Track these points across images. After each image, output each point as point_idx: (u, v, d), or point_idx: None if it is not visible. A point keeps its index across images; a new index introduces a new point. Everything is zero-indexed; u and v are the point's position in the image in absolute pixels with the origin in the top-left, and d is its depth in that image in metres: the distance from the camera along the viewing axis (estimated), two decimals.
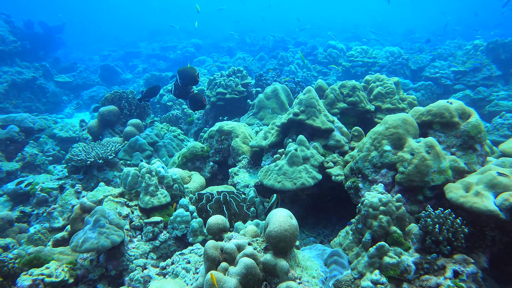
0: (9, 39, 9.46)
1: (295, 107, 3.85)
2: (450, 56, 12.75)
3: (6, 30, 9.67)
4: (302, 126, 3.87)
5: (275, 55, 13.28)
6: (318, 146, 3.67)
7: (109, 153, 4.52)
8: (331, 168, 3.56)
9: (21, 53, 10.14)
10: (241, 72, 6.60)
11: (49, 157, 6.28)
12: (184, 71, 3.72)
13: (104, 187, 3.23)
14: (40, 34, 12.07)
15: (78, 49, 21.38)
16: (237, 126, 4.63)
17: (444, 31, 25.44)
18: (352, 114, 4.60)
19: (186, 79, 3.70)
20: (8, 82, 8.87)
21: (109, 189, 3.18)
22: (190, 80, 3.74)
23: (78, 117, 10.69)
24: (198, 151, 4.44)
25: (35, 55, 11.96)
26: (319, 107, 3.85)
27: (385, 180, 2.76)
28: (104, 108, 5.50)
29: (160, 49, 18.95)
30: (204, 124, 6.72)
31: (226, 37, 22.30)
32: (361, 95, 4.57)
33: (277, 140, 4.05)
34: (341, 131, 3.84)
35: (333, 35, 13.22)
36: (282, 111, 5.68)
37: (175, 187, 3.31)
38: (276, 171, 3.46)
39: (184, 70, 3.72)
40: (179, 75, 3.68)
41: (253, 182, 4.00)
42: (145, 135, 5.51)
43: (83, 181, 4.51)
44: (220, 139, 4.61)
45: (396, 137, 2.76)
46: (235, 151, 4.46)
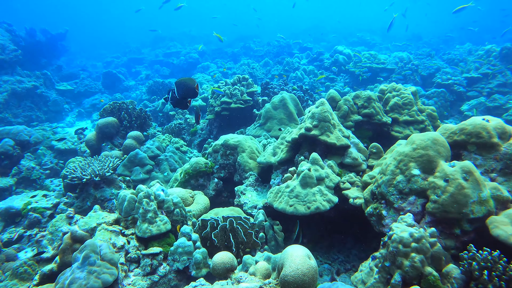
0: (10, 47, 9.27)
1: (307, 121, 3.53)
2: (461, 62, 12.39)
3: (7, 39, 9.50)
4: (315, 142, 3.55)
5: (280, 60, 13.00)
6: (333, 165, 3.35)
7: (106, 170, 4.22)
8: (348, 189, 3.23)
9: (22, 62, 9.95)
10: (246, 80, 6.31)
11: (47, 170, 6.01)
12: (183, 83, 3.38)
13: (98, 213, 2.93)
14: (43, 42, 11.90)
15: (82, 56, 21.29)
16: (244, 140, 4.32)
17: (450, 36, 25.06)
18: (368, 127, 4.27)
19: (184, 92, 3.37)
20: (8, 91, 8.66)
21: (103, 215, 2.87)
22: (189, 93, 3.41)
23: (80, 126, 10.46)
24: (201, 168, 4.13)
25: (37, 63, 11.78)
26: (333, 121, 3.53)
27: (413, 209, 2.42)
28: (103, 120, 5.22)
29: (163, 55, 18.77)
30: (208, 135, 6.43)
31: (230, 42, 22.12)
32: (377, 106, 4.24)
33: (287, 156, 3.73)
34: (357, 148, 3.51)
35: (335, 36, 12.93)
36: (291, 122, 5.37)
37: (176, 212, 2.99)
38: (287, 193, 3.13)
39: (182, 82, 3.37)
40: (177, 88, 3.34)
41: (262, 203, 3.68)
42: (146, 148, 5.22)
43: (79, 200, 4.22)
44: (225, 154, 4.30)
45: (425, 159, 2.42)
46: (242, 167, 4.14)
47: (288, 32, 26.07)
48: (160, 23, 35.29)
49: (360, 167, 3.39)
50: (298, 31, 28.97)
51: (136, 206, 2.83)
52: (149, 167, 5.01)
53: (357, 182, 3.27)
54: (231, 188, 4.42)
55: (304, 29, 30.61)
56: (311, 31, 29.34)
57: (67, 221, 3.18)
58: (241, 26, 28.36)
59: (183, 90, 3.36)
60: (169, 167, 5.16)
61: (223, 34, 23.09)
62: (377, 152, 3.48)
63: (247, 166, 4.12)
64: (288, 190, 3.14)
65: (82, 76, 12.88)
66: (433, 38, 24.96)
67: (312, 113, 3.52)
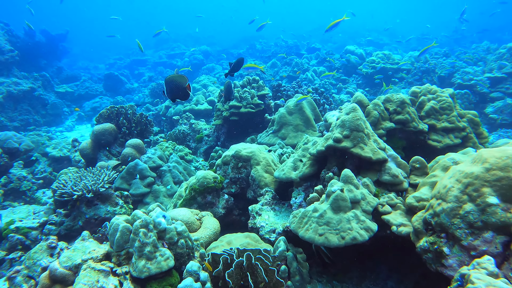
0: (6, 48, 8.81)
1: (335, 130, 2.97)
2: (480, 61, 11.77)
3: (3, 39, 9.04)
4: (345, 155, 2.99)
5: (288, 61, 12.45)
6: (369, 184, 2.78)
7: (100, 184, 3.69)
8: (389, 213, 2.67)
9: (20, 63, 9.50)
10: (257, 82, 5.76)
11: (39, 179, 5.49)
12: (172, 81, 2.80)
13: (85, 244, 2.39)
14: (42, 42, 11.45)
15: (84, 57, 20.91)
16: (258, 151, 3.77)
17: (462, 35, 24.39)
18: (401, 135, 3.70)
19: (174, 92, 2.82)
20: (3, 93, 8.19)
21: (90, 248, 2.32)
22: (178, 93, 2.84)
23: (79, 130, 9.98)
24: (209, 183, 3.58)
25: (36, 65, 11.34)
26: (367, 130, 2.96)
27: (491, 249, 1.85)
28: (99, 126, 4.69)
29: (167, 57, 18.31)
30: (215, 142, 5.88)
31: (236, 43, 21.63)
32: (412, 111, 3.67)
33: (311, 171, 3.17)
34: (396, 162, 2.94)
35: (342, 37, 12.37)
36: (308, 128, 4.81)
37: (181, 243, 2.44)
38: (316, 219, 2.57)
39: (171, 80, 2.80)
40: (166, 86, 2.80)
41: (281, 226, 3.12)
42: (147, 158, 4.69)
43: (70, 219, 3.69)
44: (236, 167, 3.75)
45: (506, 184, 1.85)
46: (256, 182, 3.59)
47: (294, 33, 25.55)
48: (164, 24, 34.94)
49: (401, 186, 2.82)
50: (303, 32, 28.41)
51: (131, 238, 2.28)
52: (150, 180, 4.48)
53: (399, 205, 2.70)
54: (243, 205, 3.87)
55: (310, 30, 30.04)
56: (317, 32, 28.79)
57: (48, 252, 2.64)
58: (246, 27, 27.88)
59: (172, 90, 2.83)
60: (172, 179, 4.62)
61: (228, 35, 22.57)
62: (420, 168, 2.91)
63: (262, 181, 3.57)
64: (317, 215, 2.58)
65: (83, 78, 12.42)
66: (443, 38, 24.29)
67: (342, 121, 2.95)
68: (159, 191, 4.48)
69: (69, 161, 5.79)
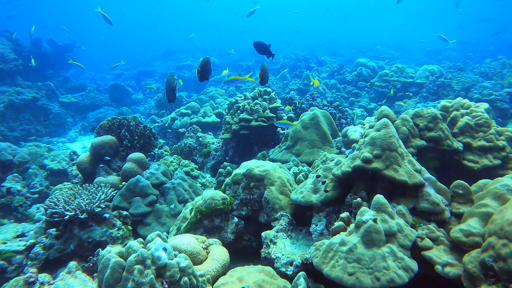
0: (10, 57, 8.64)
1: (364, 149, 2.58)
2: (496, 76, 11.37)
3: (7, 47, 8.89)
4: (375, 178, 2.59)
5: (298, 74, 12.17)
6: (405, 213, 2.37)
7: (96, 204, 3.32)
8: (430, 249, 2.25)
9: (24, 72, 9.32)
10: (268, 94, 5.43)
11: (34, 194, 5.15)
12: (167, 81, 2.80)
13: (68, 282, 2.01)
14: (49, 52, 11.33)
15: (92, 68, 20.90)
16: (272, 169, 3.38)
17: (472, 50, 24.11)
18: (433, 155, 3.30)
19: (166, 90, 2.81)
20: (4, 103, 7.96)
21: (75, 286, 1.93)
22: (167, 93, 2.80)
23: (82, 141, 9.70)
24: (218, 205, 3.19)
25: (42, 74, 11.19)
26: (401, 149, 2.57)
27: None
28: (98, 139, 4.36)
29: (174, 68, 18.20)
30: (223, 157, 5.51)
31: (244, 56, 21.54)
32: (445, 128, 3.28)
33: (334, 195, 2.77)
34: (435, 187, 2.54)
35: (351, 51, 12.09)
36: (324, 144, 4.42)
37: (184, 282, 2.04)
38: (344, 255, 2.16)
39: (167, 79, 2.81)
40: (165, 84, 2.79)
41: (299, 257, 2.71)
42: (149, 173, 4.32)
43: (61, 241, 3.32)
44: (248, 187, 3.36)
45: None
46: (270, 205, 3.19)
47: (301, 46, 25.46)
48: (172, 37, 35.23)
49: (442, 216, 2.40)
50: (312, 46, 28.32)
51: (123, 277, 1.89)
52: (152, 198, 4.10)
53: (441, 239, 2.28)
54: (254, 229, 3.48)
55: (318, 43, 29.99)
56: (326, 46, 28.73)
57: None
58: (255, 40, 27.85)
59: (166, 89, 2.81)
60: (176, 197, 4.24)
61: (236, 48, 22.63)
62: (464, 195, 2.49)
63: (277, 204, 3.17)
64: (345, 250, 2.17)
65: (89, 88, 12.24)
66: (453, 53, 23.98)
67: (372, 138, 2.57)
68: (161, 211, 4.10)
69: (67, 175, 5.45)
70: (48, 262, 3.22)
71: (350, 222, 2.51)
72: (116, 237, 3.44)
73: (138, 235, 3.94)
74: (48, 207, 3.25)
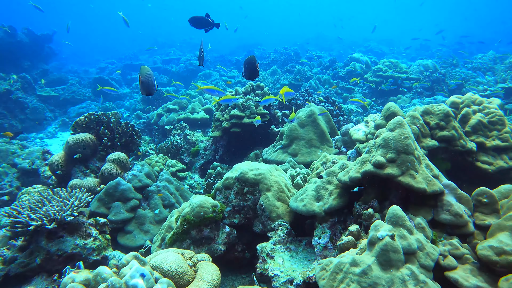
0: None
1: (376, 152, 2.26)
2: (489, 71, 11.29)
3: None
4: (387, 184, 2.27)
5: (290, 69, 11.82)
6: (424, 226, 2.06)
7: (67, 212, 2.92)
8: (454, 269, 1.94)
9: None
10: (261, 89, 5.06)
11: (4, 196, 4.69)
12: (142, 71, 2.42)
13: None
14: (25, 42, 10.64)
15: (75, 61, 20.07)
16: (268, 173, 3.04)
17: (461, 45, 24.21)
18: (444, 156, 3.01)
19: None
20: None
21: None
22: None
23: (62, 137, 9.16)
24: (207, 213, 2.83)
25: (18, 66, 10.53)
26: (417, 152, 2.25)
27: None
28: (74, 137, 3.93)
29: (161, 62, 17.59)
30: (212, 156, 5.13)
31: (233, 50, 21.07)
32: (458, 127, 2.98)
33: (340, 204, 2.44)
34: (456, 195, 2.23)
35: (341, 46, 11.82)
36: (323, 143, 4.10)
37: None
38: (357, 278, 1.83)
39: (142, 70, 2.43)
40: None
41: (301, 275, 2.38)
42: (131, 175, 3.92)
43: (25, 254, 2.91)
44: (241, 193, 3.01)
45: None
46: (266, 213, 2.85)
47: (291, 41, 25.10)
48: (159, 30, 34.38)
49: (465, 229, 2.10)
50: (301, 41, 28.01)
51: None
52: (135, 203, 3.71)
53: (467, 256, 1.98)
54: (247, 238, 3.14)
55: (307, 38, 29.67)
56: (315, 41, 28.46)
57: None
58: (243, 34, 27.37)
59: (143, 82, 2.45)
60: (161, 202, 3.86)
61: (225, 42, 22.10)
62: (489, 204, 2.19)
63: (274, 212, 2.83)
64: (358, 272, 1.85)
65: (71, 81, 11.61)
66: (443, 48, 24.03)
67: (385, 139, 2.24)
68: (145, 217, 3.71)
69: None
70: (9, 278, 2.81)
71: (360, 237, 2.19)
72: (92, 249, 3.06)
73: (118, 244, 3.56)
74: (10, 214, 2.84)
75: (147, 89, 2.34)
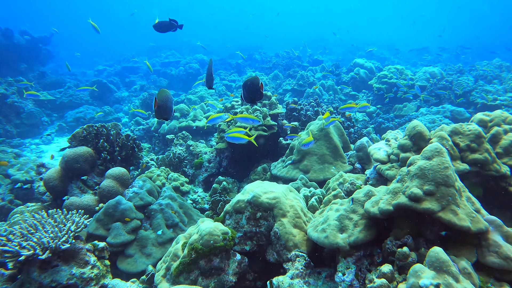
0: None
1: (411, 183, 2.01)
2: (495, 79, 11.11)
3: None
4: (422, 218, 2.03)
5: (292, 74, 11.59)
6: (471, 271, 1.81)
7: (63, 238, 2.66)
8: None
9: None
10: (269, 99, 4.82)
11: None
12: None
13: None
14: (22, 45, 10.35)
15: (72, 63, 19.70)
16: (283, 196, 2.79)
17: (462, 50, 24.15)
18: (476, 180, 2.77)
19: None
20: None
21: None
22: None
23: (59, 143, 8.86)
24: (217, 242, 2.58)
25: (14, 69, 10.23)
26: (458, 184, 2.01)
27: None
28: (71, 151, 3.66)
29: (160, 65, 17.31)
30: (216, 169, 4.88)
31: (233, 53, 20.83)
32: (490, 149, 2.75)
33: (367, 237, 2.20)
34: (502, 233, 1.99)
35: (342, 49, 11.61)
36: (336, 159, 3.86)
37: None
38: None
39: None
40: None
41: None
42: (132, 193, 3.66)
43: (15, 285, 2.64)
44: (254, 218, 2.76)
45: None
46: (282, 242, 2.60)
47: (291, 44, 24.88)
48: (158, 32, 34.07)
49: None
50: (301, 43, 27.83)
51: None
52: (136, 223, 3.45)
53: None
54: (259, 266, 2.89)
55: (308, 41, 29.49)
56: (316, 44, 28.28)
57: None
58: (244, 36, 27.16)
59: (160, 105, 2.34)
60: (165, 221, 3.60)
61: (224, 44, 21.80)
62: None
63: (290, 241, 2.58)
64: None
65: (68, 84, 11.33)
66: (444, 53, 23.91)
67: (421, 169, 2.00)
68: (147, 239, 3.45)
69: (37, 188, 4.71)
70: None
71: (394, 279, 1.94)
72: (89, 278, 2.79)
73: (118, 269, 3.29)
74: None
75: (163, 114, 2.15)
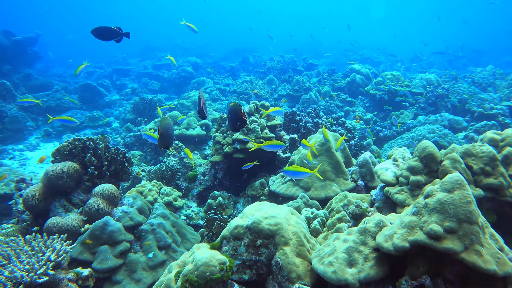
0: None
1: (430, 218, 1.83)
2: (490, 86, 11.12)
3: None
4: (441, 256, 1.85)
5: (287, 78, 11.43)
6: None
7: (40, 270, 2.40)
8: None
9: None
10: (267, 109, 4.62)
11: None
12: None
13: None
14: (5, 45, 9.96)
15: (61, 64, 19.24)
16: (285, 222, 2.59)
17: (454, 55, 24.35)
18: (489, 206, 2.61)
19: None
20: None
21: None
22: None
23: (45, 149, 8.52)
24: (214, 273, 2.35)
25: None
26: (481, 220, 1.83)
27: None
28: (55, 167, 3.40)
29: (152, 67, 16.98)
30: (211, 182, 4.65)
31: (226, 55, 20.60)
32: (505, 173, 2.59)
33: (379, 274, 2.01)
34: None
35: (335, 53, 11.49)
36: (338, 175, 3.67)
37: None
38: None
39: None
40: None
41: None
42: (122, 213, 3.41)
43: None
44: (254, 245, 2.55)
45: None
46: (284, 273, 2.39)
47: (285, 47, 24.75)
48: (150, 33, 33.69)
49: None
50: (295, 46, 27.72)
51: None
52: (125, 246, 3.21)
53: None
54: None
55: (301, 44, 29.38)
56: (309, 47, 28.22)
57: None
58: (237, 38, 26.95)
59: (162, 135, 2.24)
60: (156, 243, 3.36)
61: (217, 46, 21.58)
62: None
63: (293, 272, 2.37)
64: None
65: (56, 87, 10.93)
66: (436, 58, 24.07)
67: (441, 203, 1.81)
68: (136, 262, 3.21)
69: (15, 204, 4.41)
70: None
71: None
72: None
73: None
74: None
75: (165, 143, 2.09)
